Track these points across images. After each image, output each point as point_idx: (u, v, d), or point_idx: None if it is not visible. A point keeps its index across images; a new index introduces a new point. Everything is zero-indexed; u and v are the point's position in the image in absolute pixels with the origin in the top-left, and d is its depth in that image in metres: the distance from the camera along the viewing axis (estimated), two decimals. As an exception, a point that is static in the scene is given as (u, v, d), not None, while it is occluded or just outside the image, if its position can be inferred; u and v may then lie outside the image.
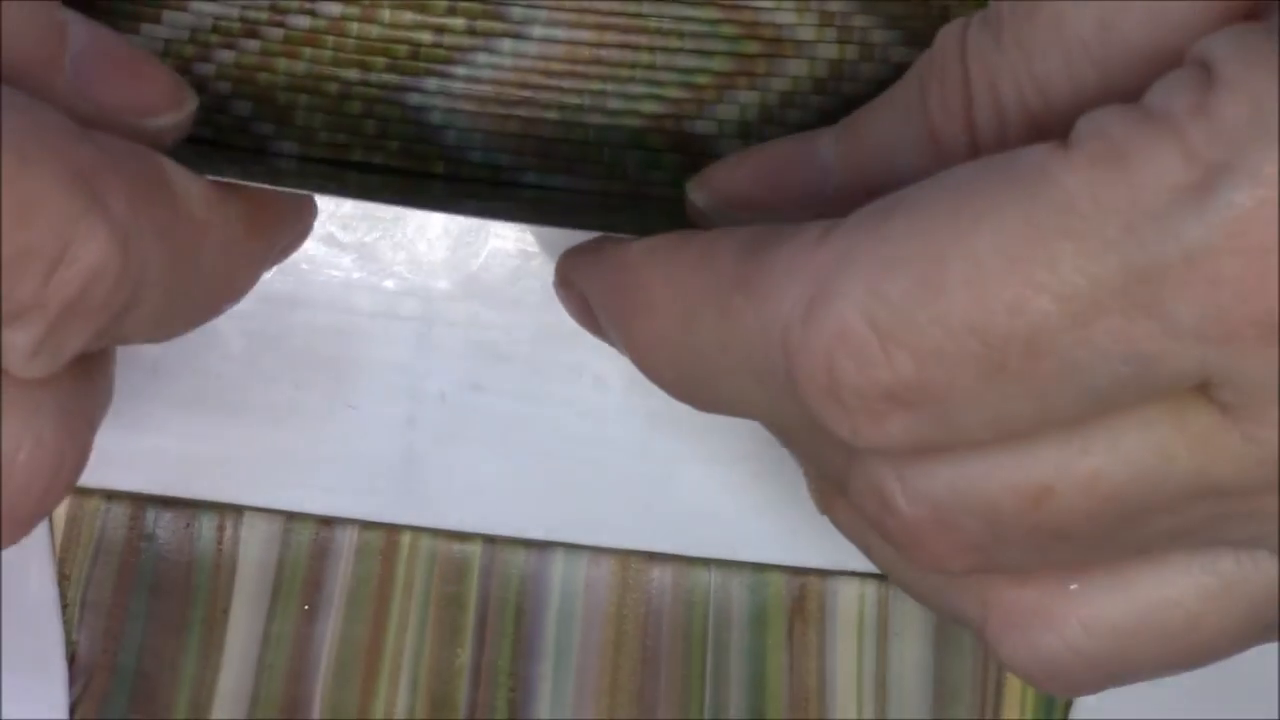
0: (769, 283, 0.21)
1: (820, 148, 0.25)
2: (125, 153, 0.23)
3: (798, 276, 0.21)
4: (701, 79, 0.29)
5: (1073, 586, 0.23)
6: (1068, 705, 0.31)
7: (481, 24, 0.29)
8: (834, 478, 0.23)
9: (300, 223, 0.27)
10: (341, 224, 0.32)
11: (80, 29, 0.24)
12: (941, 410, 0.20)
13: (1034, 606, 0.23)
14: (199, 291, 0.25)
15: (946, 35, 0.23)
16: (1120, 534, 0.21)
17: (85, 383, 0.24)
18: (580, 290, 0.26)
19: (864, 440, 0.21)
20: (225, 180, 0.25)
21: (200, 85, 0.30)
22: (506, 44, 0.29)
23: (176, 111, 0.25)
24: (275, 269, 0.28)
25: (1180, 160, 0.19)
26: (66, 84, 0.24)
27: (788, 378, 0.21)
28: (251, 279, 0.26)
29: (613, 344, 0.26)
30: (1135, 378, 0.20)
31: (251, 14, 0.30)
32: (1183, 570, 0.22)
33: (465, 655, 0.31)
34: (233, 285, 0.26)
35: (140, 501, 0.31)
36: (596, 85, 0.30)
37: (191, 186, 0.24)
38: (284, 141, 0.28)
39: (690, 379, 0.24)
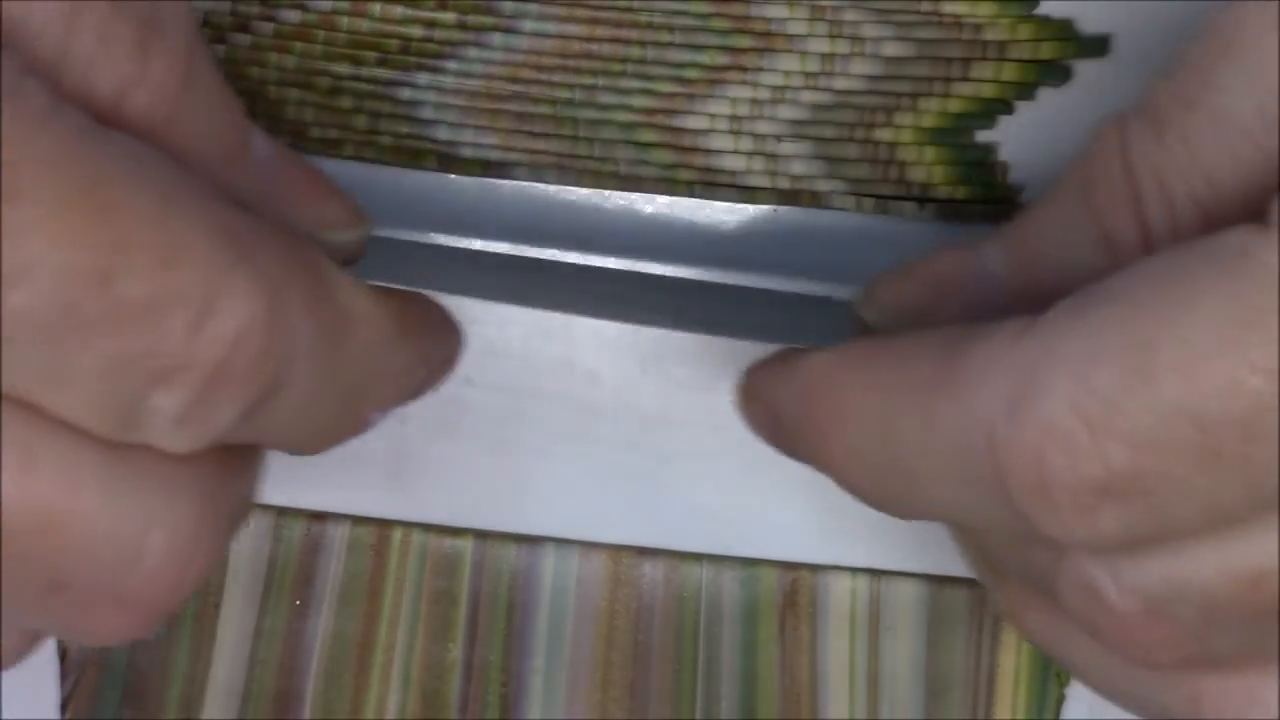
0: (970, 382, 0.21)
1: (987, 257, 0.25)
2: (273, 226, 0.22)
3: (999, 374, 0.21)
4: (692, 73, 0.30)
5: None
6: (1059, 704, 0.31)
7: (472, 18, 0.29)
8: (1037, 579, 0.23)
9: (448, 340, 0.26)
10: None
11: (261, 139, 0.24)
12: (1155, 501, 0.20)
13: (1249, 693, 0.23)
14: (347, 389, 0.23)
15: (1104, 135, 0.23)
16: None
17: (228, 475, 0.23)
18: (767, 404, 0.26)
19: (1076, 537, 0.21)
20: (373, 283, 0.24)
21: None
22: (497, 38, 0.29)
23: (355, 230, 0.25)
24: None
25: None
26: (248, 185, 0.23)
27: (994, 478, 0.21)
28: (398, 389, 0.25)
29: (804, 460, 0.25)
30: None
31: (242, 8, 0.30)
32: None
33: (457, 650, 0.31)
34: (382, 391, 0.25)
35: (131, 497, 0.31)
36: (587, 79, 0.30)
37: (340, 274, 0.23)
38: (275, 135, 0.28)
39: (891, 486, 0.23)
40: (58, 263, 0.19)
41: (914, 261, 0.26)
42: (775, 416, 0.26)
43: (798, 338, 0.26)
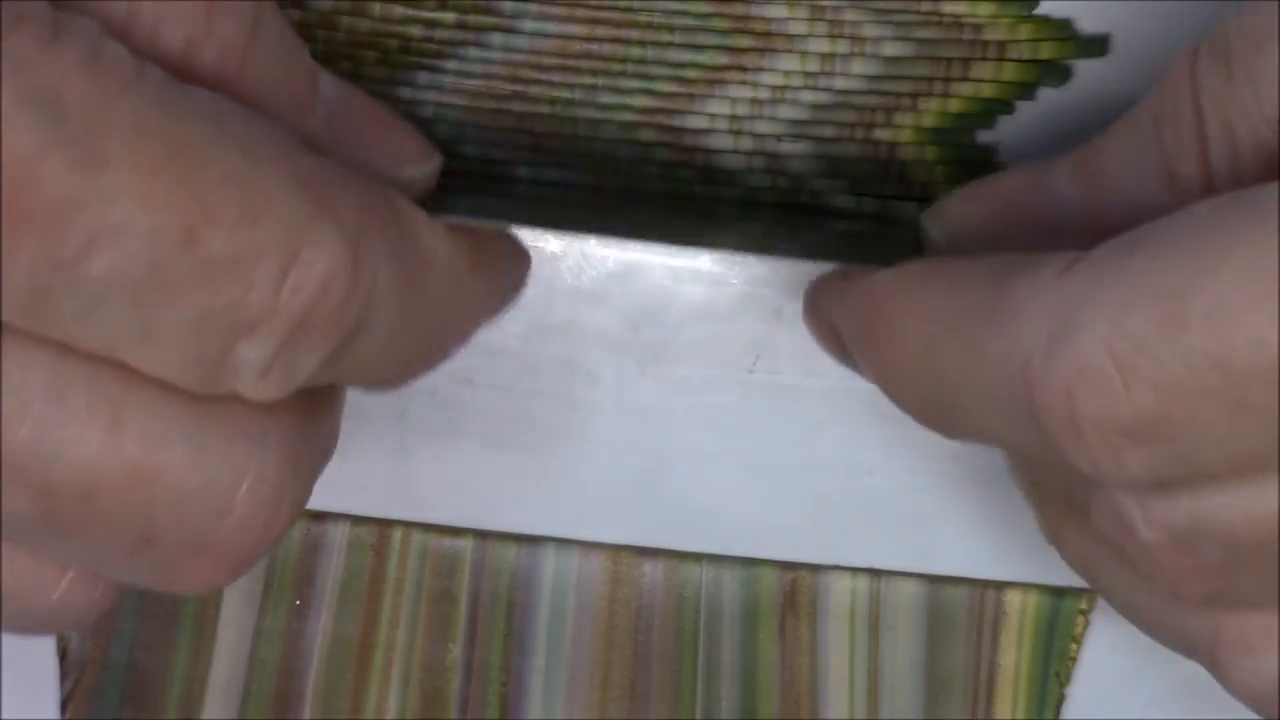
0: (1012, 313, 0.22)
1: (1055, 179, 0.25)
2: (351, 172, 0.22)
3: (1041, 308, 0.21)
4: (692, 73, 0.30)
5: None
6: (1059, 704, 0.31)
7: (472, 18, 0.29)
8: (1074, 503, 0.24)
9: (517, 267, 0.27)
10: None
11: (328, 79, 0.24)
12: (1181, 445, 0.20)
13: (1267, 631, 0.23)
14: (427, 324, 0.24)
15: (1177, 68, 0.23)
16: None
17: (311, 421, 0.23)
18: (828, 318, 0.27)
19: (1103, 474, 0.21)
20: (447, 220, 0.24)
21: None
22: (497, 38, 0.29)
23: (425, 163, 0.26)
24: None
25: None
26: (319, 127, 0.24)
27: (1029, 409, 0.21)
28: (475, 320, 0.26)
29: (860, 371, 0.26)
30: None
31: (243, 8, 0.30)
32: None
33: (457, 650, 0.31)
34: (459, 324, 0.25)
35: (131, 497, 0.31)
36: (587, 79, 0.30)
37: (417, 214, 0.23)
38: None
39: (935, 406, 0.24)
40: (144, 225, 0.19)
41: (983, 179, 0.27)
42: (835, 331, 0.26)
43: (862, 259, 0.27)
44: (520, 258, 0.27)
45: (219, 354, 0.21)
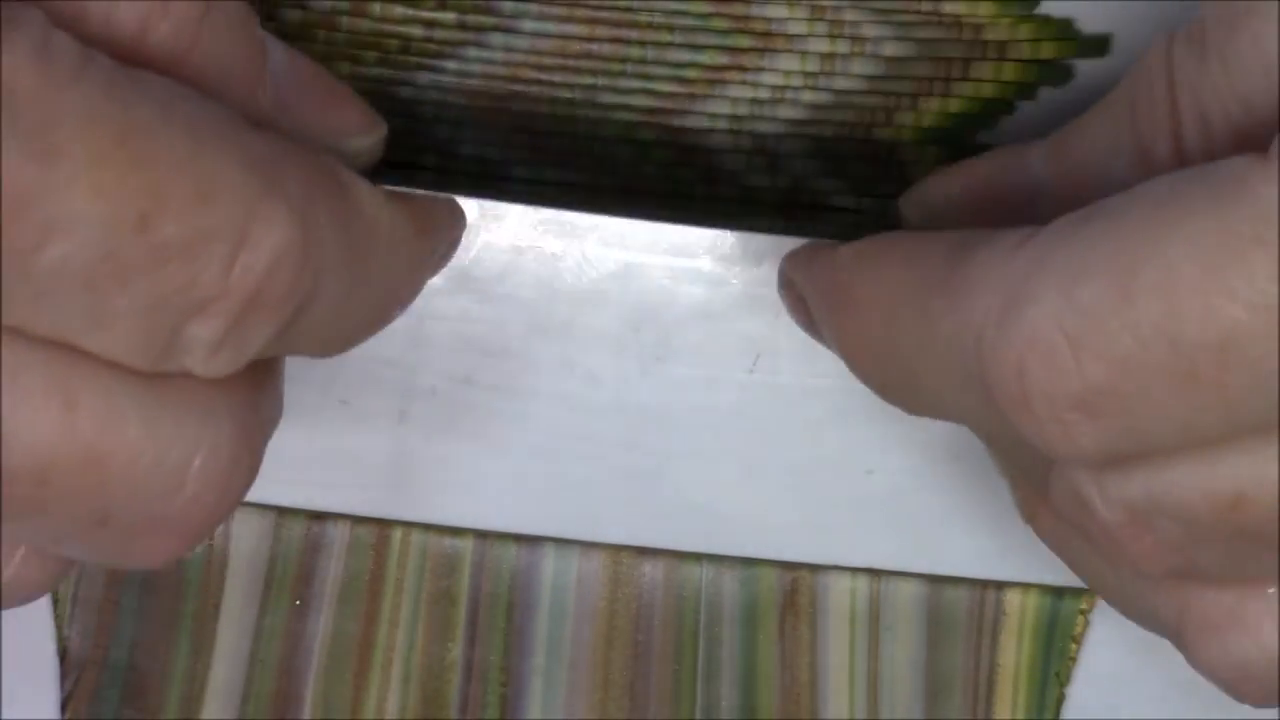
0: (966, 287, 0.21)
1: (1031, 160, 0.25)
2: (296, 147, 0.22)
3: (994, 282, 0.21)
4: (692, 73, 0.30)
5: (1270, 590, 0.22)
6: (1059, 704, 0.31)
7: (472, 18, 0.29)
8: (1036, 481, 0.23)
9: (455, 229, 0.27)
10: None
11: (277, 47, 0.24)
12: (1132, 420, 0.20)
13: (1231, 610, 0.23)
14: (372, 292, 0.24)
15: (1153, 51, 0.23)
16: None
17: (258, 392, 0.23)
18: (796, 290, 0.27)
19: (1056, 449, 0.21)
20: (389, 188, 0.25)
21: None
22: (497, 38, 0.30)
23: (371, 134, 0.26)
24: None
25: None
26: (267, 100, 0.24)
27: (982, 383, 0.21)
28: (418, 283, 0.26)
29: (828, 345, 0.26)
30: None
31: (242, 8, 0.30)
32: None
33: (457, 650, 0.31)
34: (402, 288, 0.26)
35: (131, 497, 0.31)
36: (587, 79, 0.30)
37: (361, 185, 0.23)
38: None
39: (893, 380, 0.24)
40: (96, 214, 0.19)
41: (960, 162, 0.27)
42: (804, 302, 0.26)
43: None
44: (457, 219, 0.27)
45: (170, 334, 0.21)
